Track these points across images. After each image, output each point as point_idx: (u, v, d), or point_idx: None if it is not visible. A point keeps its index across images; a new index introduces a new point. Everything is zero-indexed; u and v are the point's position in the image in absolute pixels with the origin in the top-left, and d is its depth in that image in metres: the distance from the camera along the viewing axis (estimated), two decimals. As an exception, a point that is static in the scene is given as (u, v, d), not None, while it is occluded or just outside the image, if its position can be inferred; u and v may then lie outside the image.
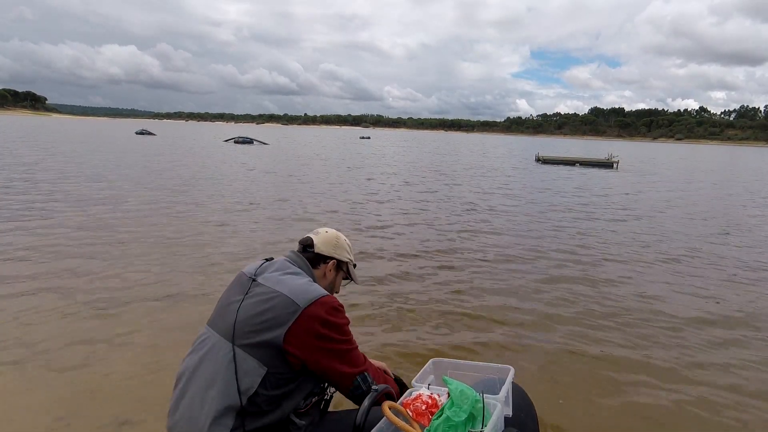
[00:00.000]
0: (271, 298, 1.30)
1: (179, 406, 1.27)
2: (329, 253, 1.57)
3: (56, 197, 8.50)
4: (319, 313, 1.29)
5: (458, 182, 14.72)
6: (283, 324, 1.26)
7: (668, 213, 10.01)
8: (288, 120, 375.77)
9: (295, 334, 1.26)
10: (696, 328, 3.81)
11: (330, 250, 1.57)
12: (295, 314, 1.27)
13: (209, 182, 11.86)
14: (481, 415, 1.18)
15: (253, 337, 1.26)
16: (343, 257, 1.60)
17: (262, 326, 1.26)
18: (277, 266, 1.42)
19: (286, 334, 1.25)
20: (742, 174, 24.79)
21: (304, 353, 1.27)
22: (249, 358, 1.24)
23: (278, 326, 1.26)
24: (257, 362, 1.24)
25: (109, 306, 3.71)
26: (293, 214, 8.08)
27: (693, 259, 6.03)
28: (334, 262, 1.58)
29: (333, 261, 1.57)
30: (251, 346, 1.25)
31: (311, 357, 1.28)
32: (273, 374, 1.25)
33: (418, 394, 1.29)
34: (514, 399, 1.38)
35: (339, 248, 1.60)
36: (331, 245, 1.58)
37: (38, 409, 2.40)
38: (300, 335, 1.26)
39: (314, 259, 1.55)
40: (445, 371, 1.49)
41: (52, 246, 5.31)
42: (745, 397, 2.82)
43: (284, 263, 1.45)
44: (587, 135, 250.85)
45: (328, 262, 1.56)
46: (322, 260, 1.56)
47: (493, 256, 5.79)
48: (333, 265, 1.57)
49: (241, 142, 35.37)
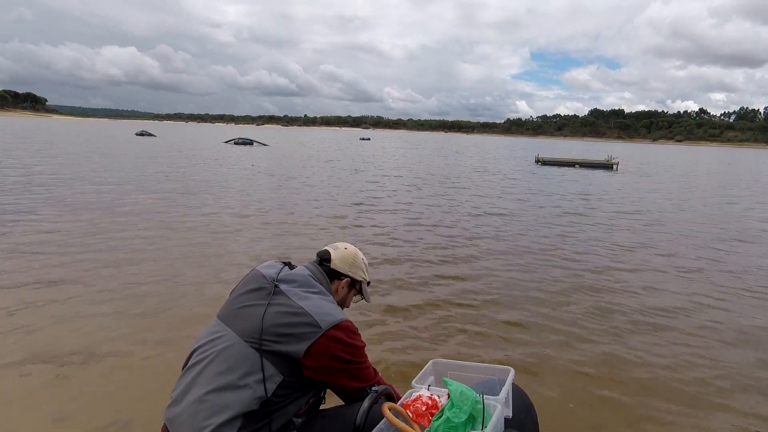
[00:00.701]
0: (295, 313, 1.32)
1: (183, 400, 1.27)
2: (345, 270, 1.58)
3: (58, 197, 8.51)
4: (339, 336, 1.32)
5: (460, 185, 14.72)
6: (304, 341, 1.29)
7: (668, 214, 10.01)
8: (288, 121, 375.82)
9: (315, 354, 1.29)
10: (700, 334, 3.81)
11: (346, 267, 1.59)
12: (317, 335, 1.29)
13: (210, 184, 11.87)
14: (481, 416, 1.18)
15: (275, 345, 1.28)
16: (358, 276, 1.62)
17: (284, 338, 1.29)
18: (300, 281, 1.43)
19: (306, 352, 1.28)
20: (744, 176, 24.78)
21: (323, 373, 1.32)
22: (269, 365, 1.26)
23: (300, 342, 1.29)
24: (275, 369, 1.26)
25: (109, 306, 3.71)
26: (298, 219, 8.07)
27: (696, 260, 6.03)
28: (348, 280, 1.59)
29: (347, 279, 1.59)
30: (272, 354, 1.27)
31: (329, 377, 1.34)
32: (287, 382, 1.28)
33: (418, 395, 1.29)
34: (514, 400, 1.38)
35: (355, 267, 1.61)
36: (348, 263, 1.59)
37: (38, 410, 2.40)
38: (319, 356, 1.29)
39: (330, 273, 1.56)
40: (445, 372, 1.49)
41: (53, 245, 5.31)
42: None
43: (307, 279, 1.45)
44: (587, 136, 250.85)
45: (342, 279, 1.58)
46: (337, 276, 1.57)
47: (495, 259, 5.79)
48: (347, 283, 1.60)
49: (241, 143, 35.40)
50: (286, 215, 8.02)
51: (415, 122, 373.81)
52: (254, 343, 1.27)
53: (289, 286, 1.39)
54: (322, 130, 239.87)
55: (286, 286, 1.38)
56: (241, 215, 7.77)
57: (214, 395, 1.23)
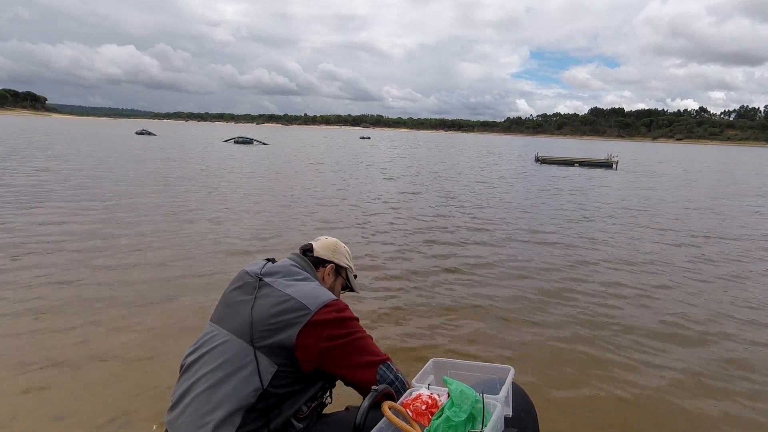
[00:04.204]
0: (283, 301, 1.31)
1: (181, 402, 1.26)
2: (327, 257, 1.59)
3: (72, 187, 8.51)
4: (329, 314, 1.30)
5: (461, 186, 14.72)
6: (294, 326, 1.27)
7: (668, 216, 10.01)
8: (288, 120, 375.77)
9: (307, 338, 1.27)
10: (710, 334, 3.81)
11: (328, 254, 1.60)
12: (306, 317, 1.28)
13: (210, 185, 11.86)
14: (481, 415, 1.17)
15: (267, 338, 1.26)
16: (342, 262, 1.62)
17: (274, 327, 1.27)
18: (284, 271, 1.43)
19: (298, 337, 1.26)
20: (745, 174, 24.78)
21: (320, 357, 1.28)
22: (262, 357, 1.25)
23: (290, 328, 1.27)
24: (269, 360, 1.25)
25: (109, 307, 3.71)
26: (301, 223, 8.08)
27: (700, 263, 6.03)
28: (333, 266, 1.60)
29: (331, 265, 1.59)
30: (265, 347, 1.26)
31: (327, 359, 1.29)
32: (282, 372, 1.26)
33: (418, 394, 1.29)
34: (514, 399, 1.38)
35: (337, 253, 1.62)
36: (330, 250, 1.61)
37: (37, 410, 2.40)
38: (312, 339, 1.27)
39: (314, 262, 1.57)
40: (445, 371, 1.49)
41: (52, 245, 5.31)
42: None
43: (290, 268, 1.45)
44: (587, 135, 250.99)
45: (326, 266, 1.59)
46: (321, 264, 1.58)
47: (495, 258, 5.79)
48: (331, 269, 1.60)
49: (240, 142, 35.47)
50: (289, 219, 8.02)
51: (415, 121, 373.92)
52: (246, 339, 1.27)
53: (274, 277, 1.39)
54: (322, 129, 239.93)
55: (270, 278, 1.38)
56: (239, 218, 7.76)
57: (210, 393, 1.23)
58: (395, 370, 1.36)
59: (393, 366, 1.36)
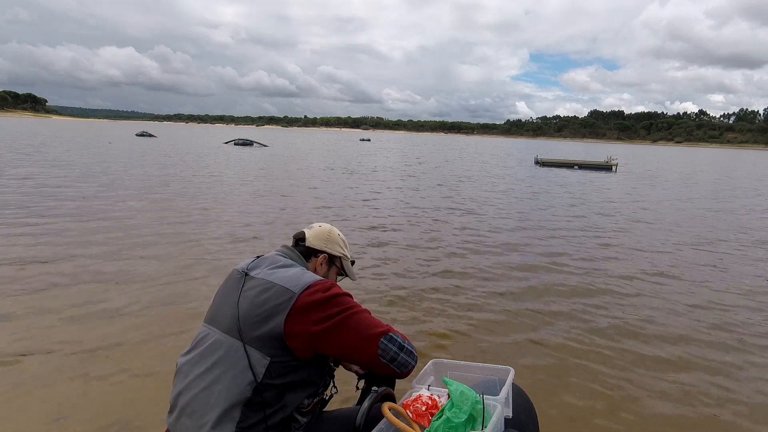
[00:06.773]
0: (266, 289, 1.28)
1: (178, 403, 1.26)
2: (320, 246, 1.54)
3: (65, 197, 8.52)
4: (314, 297, 1.26)
5: (462, 186, 14.72)
6: (280, 314, 1.24)
7: (666, 217, 10.01)
8: (288, 122, 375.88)
9: (295, 326, 1.23)
10: (702, 336, 3.81)
11: (321, 243, 1.54)
12: (292, 301, 1.24)
13: (211, 186, 11.87)
14: (481, 416, 1.17)
15: (255, 329, 1.24)
16: (335, 251, 1.57)
17: (260, 317, 1.25)
18: (269, 261, 1.41)
19: (285, 325, 1.23)
20: (745, 177, 24.79)
21: (313, 342, 1.24)
22: (253, 350, 1.23)
23: (276, 316, 1.24)
24: (260, 353, 1.23)
25: (109, 307, 3.71)
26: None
27: (698, 266, 6.03)
28: (325, 256, 1.54)
29: (324, 255, 1.54)
30: (255, 338, 1.24)
31: (322, 343, 1.25)
32: (277, 363, 1.23)
33: (418, 395, 1.29)
34: (514, 400, 1.38)
35: (331, 242, 1.56)
36: (323, 239, 1.55)
37: (37, 410, 2.39)
38: (300, 326, 1.23)
39: (306, 252, 1.52)
40: (445, 372, 1.49)
41: (52, 245, 5.31)
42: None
43: (275, 257, 1.43)
44: (587, 138, 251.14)
45: (318, 255, 1.54)
46: (313, 254, 1.53)
47: (495, 261, 5.79)
48: (324, 260, 1.54)
49: (241, 143, 35.51)
50: (289, 221, 8.02)
51: (415, 123, 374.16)
52: (235, 335, 1.25)
53: (259, 269, 1.37)
54: (321, 131, 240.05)
55: (255, 271, 1.37)
56: (241, 220, 7.77)
57: (207, 392, 1.22)
58: (400, 339, 1.30)
59: (396, 335, 1.30)
